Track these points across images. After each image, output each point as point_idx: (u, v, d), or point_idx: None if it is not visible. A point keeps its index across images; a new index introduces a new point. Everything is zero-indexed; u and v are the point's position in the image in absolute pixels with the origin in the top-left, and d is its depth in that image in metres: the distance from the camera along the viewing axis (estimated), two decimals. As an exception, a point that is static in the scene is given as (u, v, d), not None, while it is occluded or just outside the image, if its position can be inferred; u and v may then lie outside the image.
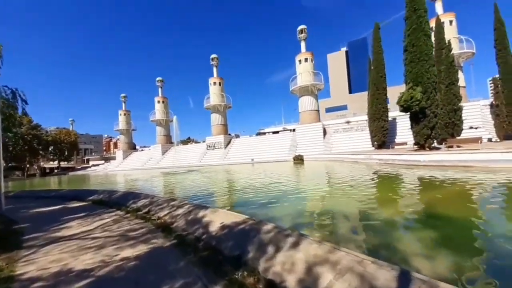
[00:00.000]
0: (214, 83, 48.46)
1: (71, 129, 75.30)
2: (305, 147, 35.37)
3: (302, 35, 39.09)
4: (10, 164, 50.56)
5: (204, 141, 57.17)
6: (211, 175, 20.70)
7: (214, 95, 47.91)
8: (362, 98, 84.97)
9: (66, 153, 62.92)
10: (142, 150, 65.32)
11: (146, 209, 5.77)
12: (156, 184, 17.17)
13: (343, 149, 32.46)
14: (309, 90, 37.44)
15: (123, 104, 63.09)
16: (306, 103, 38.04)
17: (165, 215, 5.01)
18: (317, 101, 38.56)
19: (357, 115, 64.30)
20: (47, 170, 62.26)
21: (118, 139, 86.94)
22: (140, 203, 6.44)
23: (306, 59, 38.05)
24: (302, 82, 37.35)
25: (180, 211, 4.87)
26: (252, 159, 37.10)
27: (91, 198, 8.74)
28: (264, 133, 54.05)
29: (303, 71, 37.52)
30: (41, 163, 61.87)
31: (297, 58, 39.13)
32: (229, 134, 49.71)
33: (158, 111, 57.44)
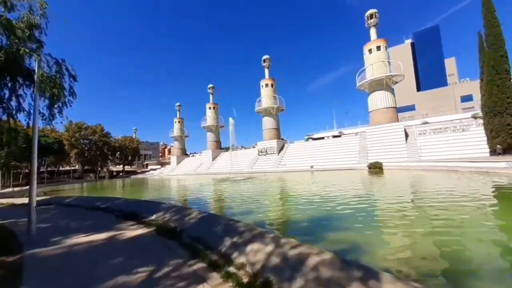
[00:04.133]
0: (266, 84, 45.80)
1: (134, 136, 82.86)
2: (379, 153, 28.89)
3: (372, 20, 33.09)
4: (85, 167, 57.03)
5: (254, 147, 54.84)
6: (275, 185, 16.97)
7: (266, 97, 45.14)
8: (435, 96, 72.28)
9: (130, 158, 68.78)
10: (193, 156, 66.86)
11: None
12: (219, 194, 14.25)
13: (437, 155, 25.06)
14: (384, 83, 30.95)
15: (178, 113, 65.91)
16: (379, 99, 31.54)
17: None
18: (394, 96, 31.67)
19: (428, 115, 53.58)
20: (114, 173, 68.84)
21: (172, 146, 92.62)
22: (256, 253, 2.85)
23: (378, 47, 31.84)
24: (373, 75, 31.19)
25: None
26: (312, 166, 32.37)
27: (153, 218, 5.77)
28: (322, 138, 48.46)
29: (375, 62, 31.39)
30: (110, 167, 68.71)
31: (365, 48, 33.22)
32: (282, 139, 45.92)
33: (209, 117, 57.76)
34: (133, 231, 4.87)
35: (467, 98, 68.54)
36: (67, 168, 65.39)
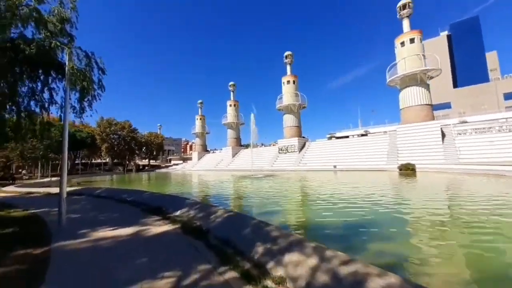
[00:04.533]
0: (288, 81, 44.78)
1: (159, 132, 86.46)
2: (411, 154, 26.76)
3: (405, 11, 30.57)
4: (114, 161, 60.75)
5: (274, 144, 54.24)
6: (300, 184, 16.34)
7: (288, 94, 44.15)
8: (474, 93, 65.73)
9: (155, 153, 72.05)
10: (213, 152, 68.06)
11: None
12: (241, 191, 14.01)
13: (479, 158, 22.56)
14: (417, 78, 28.51)
15: (199, 110, 67.27)
16: (412, 96, 29.14)
17: None
18: (429, 92, 29.07)
19: (466, 114, 48.71)
20: (140, 167, 72.62)
21: (193, 142, 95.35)
22: (296, 266, 2.43)
23: (412, 40, 29.35)
24: (406, 70, 28.86)
25: None
26: (335, 166, 31.01)
27: (178, 214, 5.60)
28: (347, 136, 46.43)
29: (408, 55, 29.00)
30: (136, 161, 72.57)
31: (397, 41, 30.86)
32: (303, 137, 44.74)
33: (230, 114, 58.18)
34: (158, 227, 4.70)
35: (511, 95, 61.64)
36: (99, 161, 70.25)
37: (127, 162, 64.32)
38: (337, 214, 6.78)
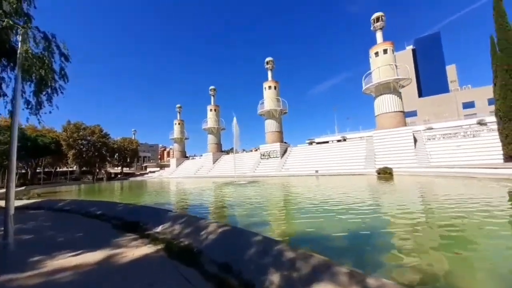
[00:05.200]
0: (269, 87, 45.10)
1: (133, 138, 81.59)
2: (387, 158, 28.01)
3: (378, 23, 32.57)
4: (83, 169, 55.70)
5: (256, 150, 53.85)
6: (287, 191, 15.97)
7: (269, 99, 44.37)
8: (436, 102, 71.96)
9: (129, 160, 67.50)
10: (193, 159, 65.75)
11: None
12: (227, 200, 13.18)
13: (447, 161, 24.23)
14: (391, 87, 30.22)
15: (178, 114, 64.94)
16: (385, 103, 30.77)
17: None
18: (401, 100, 30.90)
19: (430, 121, 53.18)
20: (112, 175, 67.47)
21: (171, 148, 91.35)
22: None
23: (385, 51, 31.20)
24: (380, 78, 30.50)
25: None
26: (317, 171, 31.42)
27: (159, 230, 4.76)
28: (326, 142, 47.59)
29: (382, 65, 30.73)
30: (108, 168, 67.33)
31: (372, 51, 32.62)
32: (285, 142, 44.99)
33: (210, 119, 56.94)
34: (135, 249, 3.84)
35: (469, 105, 68.59)
36: (64, 169, 64.00)
37: (97, 170, 59.38)
38: (333, 223, 6.38)
